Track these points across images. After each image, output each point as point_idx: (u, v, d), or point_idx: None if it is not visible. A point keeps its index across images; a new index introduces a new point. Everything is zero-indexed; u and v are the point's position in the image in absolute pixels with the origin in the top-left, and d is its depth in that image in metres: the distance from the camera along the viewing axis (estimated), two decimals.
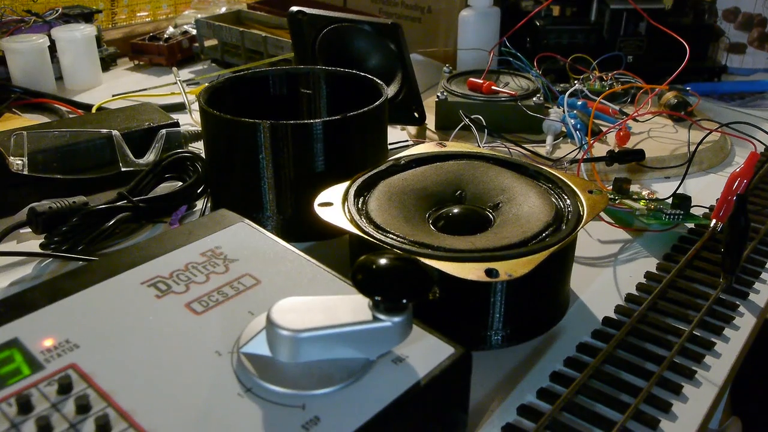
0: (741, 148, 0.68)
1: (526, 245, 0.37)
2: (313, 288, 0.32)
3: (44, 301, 0.31)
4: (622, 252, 0.50)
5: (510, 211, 0.41)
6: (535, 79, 0.72)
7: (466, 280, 0.34)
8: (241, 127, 0.47)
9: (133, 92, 0.83)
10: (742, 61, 0.93)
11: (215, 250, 0.35)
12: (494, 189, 0.43)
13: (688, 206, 0.52)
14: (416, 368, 0.28)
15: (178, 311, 0.30)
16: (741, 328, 0.41)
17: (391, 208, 0.41)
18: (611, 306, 0.43)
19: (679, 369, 0.37)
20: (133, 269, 0.33)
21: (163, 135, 0.59)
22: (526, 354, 0.39)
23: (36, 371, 0.27)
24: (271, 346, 0.27)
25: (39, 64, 0.83)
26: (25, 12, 0.93)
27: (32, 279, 0.46)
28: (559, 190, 0.42)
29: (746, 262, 0.47)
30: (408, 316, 0.28)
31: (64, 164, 0.55)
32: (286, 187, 0.48)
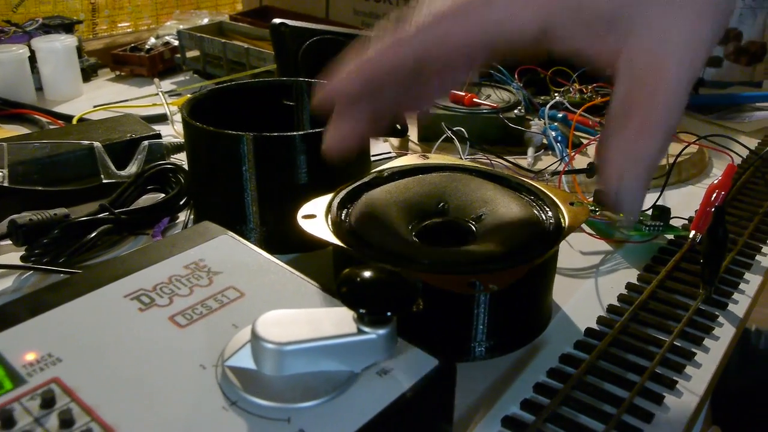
0: (719, 160, 0.69)
1: (508, 257, 0.37)
2: (297, 301, 0.32)
3: (26, 314, 0.30)
4: (603, 263, 0.50)
5: (492, 223, 0.41)
6: (516, 92, 0.72)
7: (449, 292, 0.35)
8: (223, 139, 0.47)
9: (115, 103, 0.83)
10: (719, 75, 0.94)
11: (199, 263, 0.35)
12: (477, 201, 0.44)
13: (667, 218, 0.53)
14: (401, 380, 0.28)
15: (161, 324, 0.30)
16: (720, 339, 0.42)
17: (374, 221, 0.41)
18: (593, 317, 0.43)
19: (660, 379, 0.38)
20: (116, 282, 0.33)
21: (145, 146, 0.59)
22: (509, 365, 0.39)
23: (18, 385, 0.26)
24: (256, 359, 0.27)
25: (19, 75, 0.82)
26: (5, 22, 0.92)
27: (13, 292, 0.46)
28: (540, 202, 0.43)
29: (725, 273, 0.48)
30: (392, 329, 0.28)
31: (44, 176, 0.55)
32: (270, 199, 0.48)
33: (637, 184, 0.31)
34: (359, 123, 0.36)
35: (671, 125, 0.30)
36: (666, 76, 0.30)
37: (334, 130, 0.36)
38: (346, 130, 0.36)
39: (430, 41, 0.32)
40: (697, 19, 0.30)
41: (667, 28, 0.30)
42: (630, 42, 0.30)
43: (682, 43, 0.30)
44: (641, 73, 0.30)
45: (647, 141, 0.30)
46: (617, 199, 0.31)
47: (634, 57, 0.30)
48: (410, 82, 0.35)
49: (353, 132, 0.36)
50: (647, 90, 0.30)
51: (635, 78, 0.30)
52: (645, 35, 0.30)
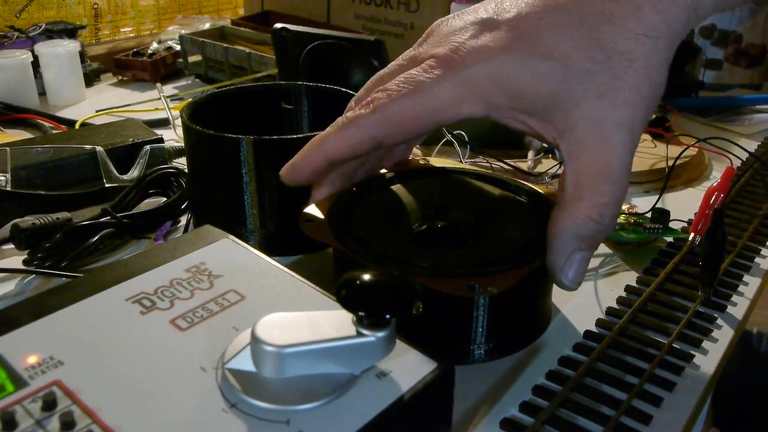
0: (718, 162, 0.69)
1: (507, 260, 0.37)
2: (297, 303, 0.33)
3: (28, 317, 0.31)
4: (602, 266, 0.50)
5: (492, 226, 0.42)
6: None
7: (449, 295, 0.35)
8: (223, 142, 0.47)
9: (117, 108, 0.83)
10: (719, 77, 0.94)
11: (200, 266, 0.35)
12: (476, 204, 0.44)
13: (666, 220, 0.53)
14: (400, 383, 0.28)
15: (162, 327, 0.30)
16: (719, 341, 0.42)
17: (375, 224, 0.41)
18: (592, 319, 0.43)
19: (659, 381, 0.38)
20: (118, 285, 0.33)
21: (147, 151, 0.59)
22: (508, 367, 0.39)
23: (20, 388, 0.27)
24: (256, 362, 0.27)
25: (22, 80, 0.83)
26: (8, 28, 0.93)
27: (15, 296, 0.46)
28: (539, 205, 0.43)
29: (724, 275, 0.48)
30: (391, 331, 0.28)
31: (47, 180, 0.55)
32: (269, 202, 0.48)
33: (585, 261, 0.35)
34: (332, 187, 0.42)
35: (618, 201, 0.33)
36: (608, 159, 0.32)
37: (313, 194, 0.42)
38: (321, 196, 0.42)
39: (385, 123, 0.35)
40: (628, 103, 0.32)
41: (604, 115, 0.32)
42: (570, 130, 0.33)
43: (618, 126, 0.32)
44: (585, 159, 0.33)
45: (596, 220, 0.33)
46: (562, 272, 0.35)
47: (575, 144, 0.33)
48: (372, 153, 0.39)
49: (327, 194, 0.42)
50: (592, 173, 0.33)
51: (580, 162, 0.33)
52: (583, 124, 0.33)
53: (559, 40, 0.33)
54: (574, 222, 0.33)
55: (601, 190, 0.33)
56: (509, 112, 0.34)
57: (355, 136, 0.36)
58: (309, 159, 0.39)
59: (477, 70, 0.34)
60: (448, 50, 0.35)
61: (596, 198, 0.33)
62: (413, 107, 0.35)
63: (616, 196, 0.33)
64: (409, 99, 0.34)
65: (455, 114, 0.34)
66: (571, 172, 0.34)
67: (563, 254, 0.34)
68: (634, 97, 0.32)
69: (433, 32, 0.39)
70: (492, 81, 0.34)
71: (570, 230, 0.34)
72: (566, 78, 0.33)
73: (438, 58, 0.35)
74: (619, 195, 0.33)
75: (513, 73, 0.33)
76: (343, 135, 0.37)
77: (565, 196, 0.34)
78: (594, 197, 0.33)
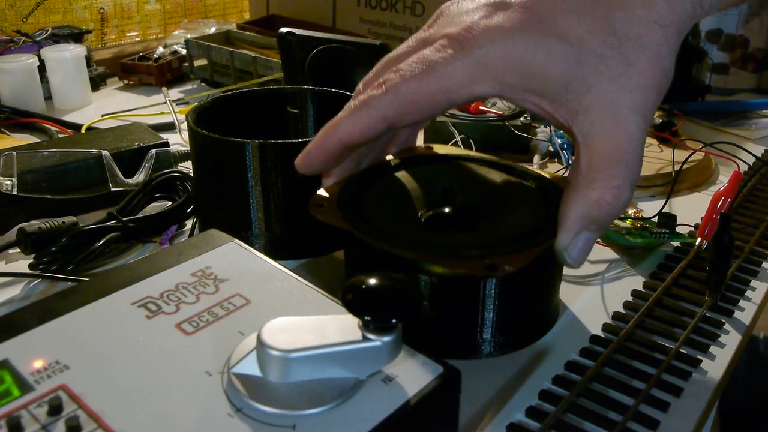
0: (725, 167, 0.69)
1: (520, 240, 0.37)
2: (302, 308, 0.33)
3: (34, 322, 0.31)
4: (608, 270, 0.50)
5: (501, 210, 0.41)
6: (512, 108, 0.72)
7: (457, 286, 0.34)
8: (228, 146, 0.47)
9: (123, 112, 0.83)
10: (726, 81, 0.94)
11: (205, 271, 0.35)
12: (484, 188, 0.44)
13: (673, 225, 0.53)
14: (406, 387, 0.28)
15: (168, 332, 0.30)
16: (727, 346, 0.42)
17: (385, 209, 0.40)
18: (599, 324, 0.43)
19: (666, 386, 0.38)
20: (123, 290, 0.33)
21: (153, 155, 0.59)
22: (514, 371, 0.39)
23: (26, 393, 0.26)
24: (262, 367, 0.27)
25: (28, 84, 0.83)
26: (15, 32, 0.93)
27: (21, 300, 0.46)
28: (546, 188, 0.43)
29: (731, 280, 0.48)
30: (397, 336, 0.28)
31: (53, 184, 0.55)
32: (275, 206, 0.48)
33: (591, 242, 0.35)
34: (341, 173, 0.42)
35: (632, 183, 0.33)
36: (621, 141, 0.33)
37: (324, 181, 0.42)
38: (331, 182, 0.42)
39: (398, 103, 0.35)
40: (640, 87, 0.33)
41: (617, 98, 0.33)
42: (583, 112, 0.33)
43: (632, 109, 0.33)
44: (598, 142, 0.33)
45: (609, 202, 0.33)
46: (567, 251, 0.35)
47: (589, 127, 0.33)
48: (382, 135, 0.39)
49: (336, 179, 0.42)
50: (606, 155, 0.33)
51: (594, 145, 0.33)
52: (596, 107, 0.33)
53: (573, 24, 0.33)
54: (585, 203, 0.33)
55: (615, 172, 0.33)
56: (522, 92, 0.34)
57: (368, 117, 0.36)
58: (323, 145, 0.38)
59: (490, 49, 0.34)
60: (461, 30, 0.35)
61: (610, 180, 0.33)
62: (426, 86, 0.34)
63: (630, 178, 0.33)
64: (422, 79, 0.34)
65: (468, 93, 0.34)
66: (585, 154, 0.34)
67: (571, 233, 0.34)
68: (646, 82, 0.32)
69: (442, 14, 0.38)
70: (505, 61, 0.33)
71: (581, 210, 0.34)
72: (580, 61, 0.33)
73: (450, 37, 0.35)
74: (632, 178, 0.33)
75: (527, 53, 0.33)
76: (356, 118, 0.36)
77: (578, 178, 0.34)
78: (607, 179, 0.33)
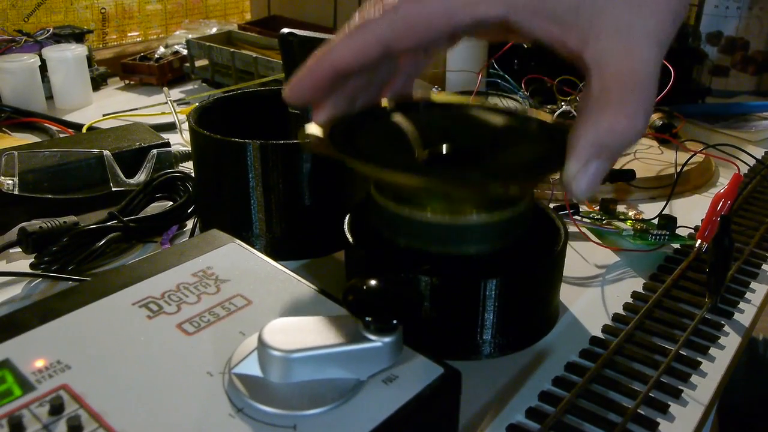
0: (725, 169, 0.69)
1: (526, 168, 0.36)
2: (303, 308, 0.33)
3: (36, 321, 0.31)
4: (609, 272, 0.50)
5: (502, 149, 0.40)
6: (522, 101, 0.73)
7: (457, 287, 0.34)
8: (230, 146, 0.47)
9: (124, 112, 0.83)
10: (726, 84, 0.94)
11: (206, 271, 0.35)
12: (484, 131, 0.41)
13: (673, 227, 0.53)
14: (406, 388, 0.28)
15: (169, 332, 0.30)
16: (726, 348, 0.42)
17: (380, 146, 0.38)
18: (598, 325, 0.43)
19: (666, 388, 0.38)
20: (125, 290, 0.33)
21: (154, 155, 0.59)
22: (514, 373, 0.39)
23: (27, 392, 0.27)
24: (263, 367, 0.27)
25: (29, 84, 0.83)
26: (17, 32, 0.93)
27: (22, 299, 0.46)
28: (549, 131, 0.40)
29: (731, 282, 0.48)
30: (398, 337, 0.28)
31: (54, 184, 0.55)
32: (276, 206, 0.48)
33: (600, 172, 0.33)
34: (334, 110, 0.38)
35: (646, 111, 0.31)
36: (636, 66, 0.31)
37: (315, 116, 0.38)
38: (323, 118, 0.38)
39: (396, 25, 0.33)
40: (655, 13, 0.31)
41: (631, 22, 0.31)
42: (594, 38, 0.31)
43: (646, 34, 0.31)
44: (612, 67, 0.31)
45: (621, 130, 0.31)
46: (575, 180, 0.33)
47: (601, 52, 0.31)
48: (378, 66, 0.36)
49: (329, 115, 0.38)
50: (620, 81, 0.31)
51: (606, 71, 0.31)
52: (611, 30, 0.31)
53: None
54: (597, 129, 0.32)
55: (630, 98, 0.31)
56: (530, 15, 0.32)
57: (364, 40, 0.34)
58: (314, 70, 0.35)
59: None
60: None
61: (623, 106, 0.31)
62: (428, 6, 0.32)
63: (645, 105, 0.31)
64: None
65: (471, 14, 0.32)
66: (597, 81, 0.32)
67: (581, 160, 0.32)
68: (661, 8, 0.31)
69: None
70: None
71: (591, 137, 0.32)
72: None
73: None
74: (647, 105, 0.31)
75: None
76: (350, 41, 0.34)
77: (588, 104, 0.32)
78: (621, 105, 0.31)
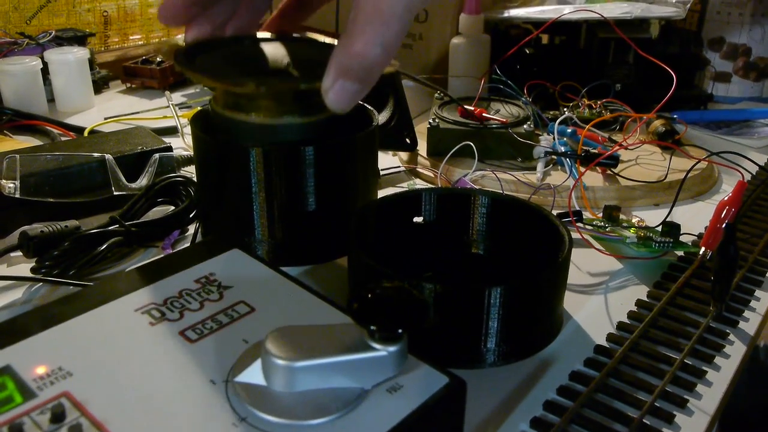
0: (727, 176, 0.69)
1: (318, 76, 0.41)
2: (307, 316, 0.32)
3: (37, 327, 0.30)
4: (612, 279, 0.50)
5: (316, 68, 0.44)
6: (525, 107, 0.72)
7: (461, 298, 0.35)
8: (232, 151, 0.47)
9: (126, 115, 0.83)
10: (728, 90, 0.94)
11: (209, 277, 0.35)
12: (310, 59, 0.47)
13: (677, 234, 0.52)
14: (411, 398, 0.28)
15: (172, 339, 0.30)
16: (731, 357, 0.42)
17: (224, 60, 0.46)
18: (603, 333, 0.43)
19: (671, 398, 0.38)
20: (127, 296, 0.33)
21: (156, 159, 0.59)
22: (518, 382, 0.39)
23: (28, 399, 0.26)
24: (266, 376, 0.27)
25: (31, 87, 0.83)
26: (19, 34, 0.93)
27: (23, 304, 0.46)
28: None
29: (736, 290, 0.48)
30: (403, 346, 0.28)
31: (56, 188, 0.55)
32: (278, 211, 0.48)
33: (348, 91, 0.38)
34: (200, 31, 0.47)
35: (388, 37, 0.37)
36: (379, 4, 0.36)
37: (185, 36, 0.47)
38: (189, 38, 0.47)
39: None
40: None
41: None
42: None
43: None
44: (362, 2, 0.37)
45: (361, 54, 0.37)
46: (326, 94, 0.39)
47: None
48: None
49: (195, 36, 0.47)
50: (366, 14, 0.37)
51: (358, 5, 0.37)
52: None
53: None
54: (341, 52, 0.38)
55: (368, 28, 0.37)
56: None
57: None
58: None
59: None
60: None
61: (362, 35, 0.37)
62: None
63: (382, 35, 0.37)
64: None
65: None
66: (353, 12, 0.37)
67: (329, 77, 0.38)
68: None
69: None
70: None
71: (338, 59, 0.38)
72: None
73: None
74: (385, 37, 0.37)
75: None
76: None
77: (343, 33, 0.38)
78: (361, 34, 0.37)
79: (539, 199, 0.60)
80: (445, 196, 0.50)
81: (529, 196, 0.60)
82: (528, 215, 0.47)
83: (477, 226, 0.50)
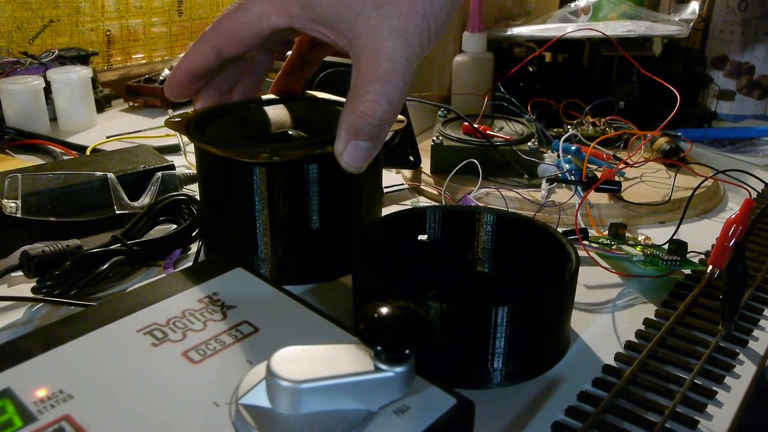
0: (733, 193, 0.68)
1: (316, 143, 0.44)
2: (312, 336, 0.32)
3: (38, 349, 0.30)
4: (619, 298, 0.49)
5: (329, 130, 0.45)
6: (529, 124, 0.72)
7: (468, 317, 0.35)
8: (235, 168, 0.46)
9: (128, 134, 0.83)
10: (732, 108, 0.94)
11: (212, 297, 0.34)
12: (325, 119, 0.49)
13: (684, 252, 0.52)
14: (418, 419, 0.27)
15: (174, 360, 0.30)
16: (742, 377, 0.41)
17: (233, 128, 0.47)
18: (611, 353, 0.42)
19: (681, 419, 0.37)
20: (129, 316, 0.33)
21: (158, 178, 0.59)
22: (526, 402, 0.38)
23: (29, 423, 0.26)
24: (271, 397, 0.27)
25: (34, 106, 0.83)
26: (22, 54, 0.93)
27: (24, 324, 0.45)
28: None
29: (744, 309, 0.47)
30: (410, 367, 0.27)
31: (58, 207, 0.55)
32: (282, 229, 0.47)
33: (361, 150, 0.41)
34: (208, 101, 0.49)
35: (393, 93, 0.39)
36: (380, 61, 0.38)
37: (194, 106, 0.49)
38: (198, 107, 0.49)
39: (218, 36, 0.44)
40: (400, 14, 0.38)
41: (379, 24, 0.38)
42: (354, 38, 0.39)
43: (391, 33, 0.38)
44: (364, 64, 0.39)
45: (367, 113, 0.39)
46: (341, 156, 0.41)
47: (359, 47, 0.39)
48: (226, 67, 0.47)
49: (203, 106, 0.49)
50: (368, 74, 0.38)
51: (360, 66, 0.39)
52: (363, 33, 0.39)
53: None
54: (349, 115, 0.39)
55: (372, 88, 0.38)
56: (306, 22, 0.40)
57: (202, 49, 0.44)
58: (175, 73, 0.46)
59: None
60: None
61: (366, 95, 0.38)
62: (236, 20, 0.42)
63: (387, 94, 0.38)
64: (234, 14, 0.43)
65: (267, 24, 0.41)
66: (354, 73, 0.39)
67: (342, 141, 0.40)
68: (406, 9, 0.38)
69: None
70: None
71: (347, 121, 0.39)
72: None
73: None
74: (389, 93, 0.38)
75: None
76: (193, 49, 0.45)
77: (349, 94, 0.40)
78: (365, 94, 0.38)
79: (544, 217, 0.60)
80: (450, 214, 0.49)
81: (534, 213, 0.60)
82: (534, 233, 0.46)
83: (482, 244, 0.49)
